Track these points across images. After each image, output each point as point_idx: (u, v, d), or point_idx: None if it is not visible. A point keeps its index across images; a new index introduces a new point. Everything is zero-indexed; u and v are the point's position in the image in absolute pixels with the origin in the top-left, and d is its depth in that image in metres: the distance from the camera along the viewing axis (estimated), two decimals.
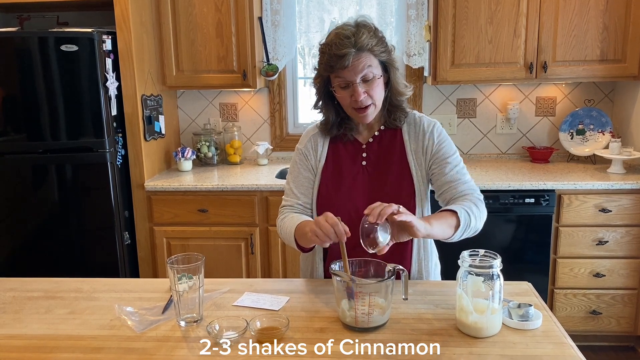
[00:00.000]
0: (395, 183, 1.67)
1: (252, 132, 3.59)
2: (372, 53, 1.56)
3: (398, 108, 1.68)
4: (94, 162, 2.87)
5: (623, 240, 2.86)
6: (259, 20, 3.19)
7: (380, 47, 1.57)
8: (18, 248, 2.99)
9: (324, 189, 1.70)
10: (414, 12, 3.20)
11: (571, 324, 2.94)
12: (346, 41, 1.52)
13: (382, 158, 1.70)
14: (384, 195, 1.64)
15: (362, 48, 1.53)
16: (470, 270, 1.32)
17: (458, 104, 3.46)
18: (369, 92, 1.57)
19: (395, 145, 1.70)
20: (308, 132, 1.78)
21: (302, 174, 1.74)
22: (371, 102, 1.59)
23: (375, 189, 1.67)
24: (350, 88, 1.57)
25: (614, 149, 3.01)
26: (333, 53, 1.53)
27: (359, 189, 1.68)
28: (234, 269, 3.03)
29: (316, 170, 1.73)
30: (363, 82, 1.56)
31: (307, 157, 1.74)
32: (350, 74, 1.55)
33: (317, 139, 1.74)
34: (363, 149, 1.71)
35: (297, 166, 1.75)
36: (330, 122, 1.70)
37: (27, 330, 1.41)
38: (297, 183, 1.74)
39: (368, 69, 1.55)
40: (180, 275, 1.38)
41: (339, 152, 1.72)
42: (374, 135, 1.71)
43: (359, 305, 1.33)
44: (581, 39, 2.98)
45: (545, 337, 1.33)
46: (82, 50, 2.74)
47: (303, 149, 1.75)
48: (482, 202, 1.63)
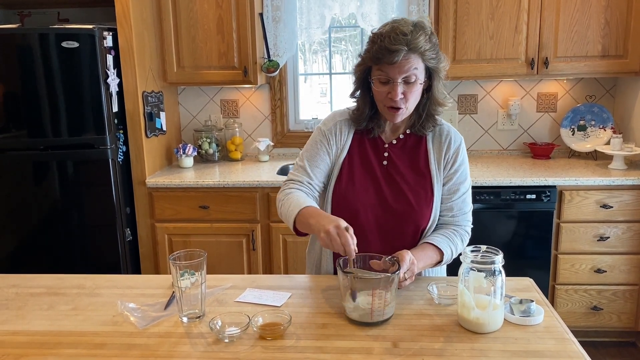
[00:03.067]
0: (414, 188, 1.64)
1: (253, 128, 3.59)
2: (422, 57, 1.51)
3: (432, 117, 1.64)
4: (95, 159, 2.87)
5: (624, 236, 2.86)
6: (259, 16, 3.18)
7: (431, 52, 1.53)
8: (20, 245, 3.00)
9: (343, 181, 1.66)
10: (414, 8, 3.20)
11: (572, 320, 2.94)
12: (402, 38, 1.48)
13: (405, 162, 1.66)
14: (401, 198, 1.63)
15: (414, 49, 1.49)
16: (472, 266, 1.32)
17: (459, 100, 3.45)
18: (406, 94, 1.53)
19: (420, 152, 1.66)
20: (335, 115, 1.72)
21: (319, 155, 1.68)
22: (404, 105, 1.55)
23: (393, 191, 1.64)
24: (389, 84, 1.53)
25: (615, 145, 3.01)
26: (385, 46, 1.49)
27: (377, 188, 1.65)
28: (235, 265, 3.03)
29: (336, 159, 1.69)
30: (404, 83, 1.52)
31: (329, 141, 1.68)
32: (394, 72, 1.51)
33: (343, 126, 1.69)
34: (385, 149, 1.68)
35: (317, 146, 1.69)
36: (364, 114, 1.65)
37: (29, 326, 1.42)
38: (312, 162, 1.68)
39: (413, 71, 1.51)
40: (183, 272, 1.38)
41: (362, 146, 1.68)
42: (398, 138, 1.68)
43: (376, 299, 1.34)
44: (582, 35, 2.97)
45: (547, 332, 1.33)
46: (83, 46, 2.74)
47: (327, 131, 1.69)
48: (468, 237, 1.70)
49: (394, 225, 1.63)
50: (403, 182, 1.64)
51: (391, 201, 1.63)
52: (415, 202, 1.62)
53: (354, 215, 1.61)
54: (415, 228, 1.64)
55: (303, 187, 1.66)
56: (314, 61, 3.78)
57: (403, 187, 1.64)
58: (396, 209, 1.62)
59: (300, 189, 1.65)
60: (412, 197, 1.63)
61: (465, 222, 1.70)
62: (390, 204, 1.63)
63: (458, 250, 1.63)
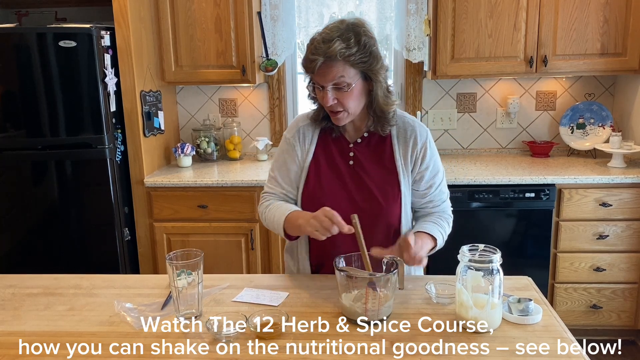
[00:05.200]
0: (382, 187, 1.64)
1: (252, 127, 3.58)
2: (347, 62, 1.49)
3: (382, 119, 1.62)
4: (94, 158, 2.86)
5: (623, 234, 2.85)
6: (257, 15, 3.18)
7: (359, 55, 1.49)
8: (18, 244, 2.99)
9: (311, 185, 1.68)
10: (413, 6, 3.19)
11: (572, 318, 2.94)
12: (319, 47, 1.48)
13: (371, 160, 1.67)
14: (369, 197, 1.63)
15: (332, 57, 1.47)
16: (469, 265, 1.31)
17: (458, 99, 3.45)
18: (340, 99, 1.53)
19: (385, 149, 1.66)
20: (297, 121, 1.74)
21: (287, 164, 1.71)
22: (342, 109, 1.55)
23: (362, 190, 1.65)
24: (323, 91, 1.54)
25: (615, 143, 3.01)
26: (307, 55, 1.51)
27: (345, 188, 1.66)
28: (234, 264, 3.02)
29: (303, 164, 1.70)
30: (335, 89, 1.52)
31: (294, 148, 1.70)
32: (321, 80, 1.52)
33: (306, 131, 1.71)
34: (350, 148, 1.68)
35: (283, 155, 1.72)
36: (320, 113, 1.66)
37: (26, 327, 1.41)
38: (281, 172, 1.72)
39: (339, 79, 1.50)
40: (180, 272, 1.38)
41: (328, 148, 1.69)
42: (362, 136, 1.68)
43: (370, 298, 1.34)
44: (581, 33, 2.96)
45: (545, 331, 1.32)
46: (81, 46, 2.73)
47: (291, 138, 1.71)
48: (451, 220, 1.74)
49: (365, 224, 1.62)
50: (370, 181, 1.65)
51: (359, 200, 1.64)
52: (383, 200, 1.63)
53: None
54: (386, 225, 1.65)
55: (279, 198, 1.72)
56: None
57: (370, 185, 1.64)
58: (364, 208, 1.62)
59: (276, 200, 1.72)
60: (380, 195, 1.63)
61: (446, 207, 1.75)
62: (359, 203, 1.63)
63: (447, 234, 1.69)
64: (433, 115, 3.46)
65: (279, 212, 1.62)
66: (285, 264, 1.87)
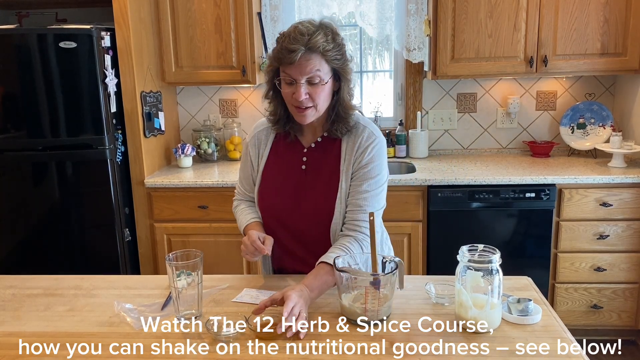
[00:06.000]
0: (326, 192, 1.63)
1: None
2: (324, 57, 1.51)
3: (342, 120, 1.62)
4: (94, 159, 2.86)
5: (624, 234, 2.85)
6: (258, 16, 3.18)
7: (335, 52, 1.52)
8: (19, 245, 3.00)
9: (263, 188, 1.71)
10: (413, 7, 3.19)
11: (572, 318, 2.94)
12: (300, 37, 1.48)
13: (320, 165, 1.66)
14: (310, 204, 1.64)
15: (313, 49, 1.49)
16: (469, 265, 1.31)
17: (458, 99, 3.45)
18: (312, 94, 1.53)
19: (333, 155, 1.65)
20: (256, 127, 1.78)
21: (247, 167, 1.77)
22: (312, 104, 1.55)
23: (307, 195, 1.65)
24: (294, 85, 1.53)
25: (615, 143, 3.00)
26: (284, 46, 1.50)
27: (294, 193, 1.66)
28: (234, 265, 3.02)
29: (258, 167, 1.73)
30: (308, 84, 1.52)
31: (251, 153, 1.75)
32: (296, 72, 1.51)
33: (262, 136, 1.74)
34: (304, 153, 1.68)
35: (244, 159, 1.79)
36: (277, 116, 1.66)
37: (26, 327, 1.41)
38: (244, 175, 1.79)
39: (315, 72, 1.51)
40: (179, 272, 1.38)
41: (281, 152, 1.71)
42: (316, 141, 1.68)
43: (369, 299, 1.34)
44: (582, 33, 2.96)
45: (544, 331, 1.32)
46: (81, 47, 2.74)
47: (249, 143, 1.77)
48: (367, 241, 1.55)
49: (308, 228, 1.64)
50: (318, 186, 1.64)
51: (305, 205, 1.65)
52: (324, 204, 1.62)
53: (275, 222, 1.68)
54: (325, 227, 1.63)
55: (244, 199, 1.81)
56: None
57: (317, 190, 1.64)
58: (308, 213, 1.64)
59: (243, 200, 1.81)
60: (323, 200, 1.63)
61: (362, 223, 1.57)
62: (304, 207, 1.64)
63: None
64: (433, 116, 3.46)
65: (240, 220, 1.76)
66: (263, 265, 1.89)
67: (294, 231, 1.67)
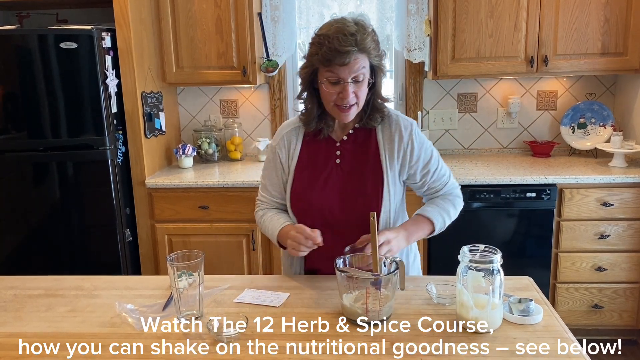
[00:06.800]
0: (368, 183, 1.65)
1: (253, 128, 3.59)
2: (368, 55, 1.55)
3: (378, 110, 1.66)
4: (95, 160, 2.87)
5: (625, 234, 2.85)
6: (258, 16, 3.18)
7: (376, 50, 1.57)
8: (20, 246, 3.00)
9: (299, 187, 1.70)
10: (414, 7, 3.19)
11: (573, 318, 2.94)
12: (350, 38, 1.50)
13: (357, 157, 1.68)
14: (357, 195, 1.65)
15: (363, 49, 1.52)
16: (470, 265, 1.31)
17: (459, 99, 3.45)
18: (356, 92, 1.56)
19: (370, 145, 1.68)
20: (282, 128, 1.76)
21: (274, 173, 1.74)
22: (355, 102, 1.57)
23: (349, 188, 1.66)
24: (339, 85, 1.54)
25: (616, 143, 3.00)
26: (334, 47, 1.49)
27: (334, 187, 1.67)
28: (235, 265, 3.03)
29: (289, 169, 1.72)
30: (353, 82, 1.54)
31: (279, 156, 1.73)
32: (345, 72, 1.52)
33: (290, 137, 1.72)
34: (337, 147, 1.69)
35: (270, 163, 1.76)
36: (312, 115, 1.67)
37: (27, 328, 1.41)
38: (271, 180, 1.76)
39: (362, 70, 1.54)
40: (180, 273, 1.38)
41: (313, 149, 1.71)
42: (348, 134, 1.69)
43: (370, 299, 1.34)
44: (582, 32, 2.96)
45: (546, 331, 1.32)
46: (82, 47, 2.74)
47: (276, 146, 1.74)
48: (460, 199, 1.76)
49: (354, 221, 1.63)
50: (356, 178, 1.66)
51: (347, 198, 1.65)
52: (370, 195, 1.65)
53: (315, 219, 1.65)
54: None
55: (271, 206, 1.77)
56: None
57: (357, 182, 1.66)
58: (352, 205, 1.64)
59: (268, 208, 1.78)
60: (366, 191, 1.65)
61: (452, 188, 1.75)
62: (346, 201, 1.65)
63: (452, 216, 1.72)
64: (434, 116, 3.46)
65: (272, 226, 1.70)
66: (282, 265, 1.88)
67: (337, 228, 1.63)
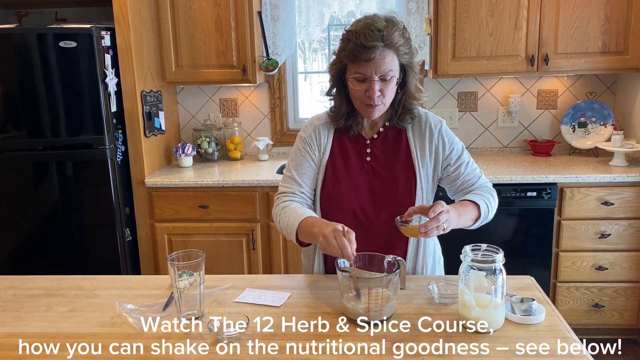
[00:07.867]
0: (399, 181, 1.65)
1: (253, 127, 3.58)
2: (397, 53, 1.52)
3: (409, 111, 1.65)
4: (94, 159, 2.86)
5: (625, 233, 2.85)
6: (258, 15, 3.17)
7: (405, 48, 1.54)
8: (19, 245, 2.99)
9: (329, 184, 1.67)
10: (414, 5, 3.18)
11: (574, 318, 2.93)
12: (377, 34, 1.48)
13: (387, 155, 1.67)
14: (388, 193, 1.64)
15: (390, 45, 1.50)
16: (472, 265, 1.31)
17: (459, 98, 3.44)
18: (383, 91, 1.54)
19: (401, 144, 1.67)
20: (312, 121, 1.73)
21: (305, 162, 1.69)
22: (382, 101, 1.56)
23: (380, 186, 1.65)
24: (366, 82, 1.53)
25: (616, 142, 3.00)
26: (360, 43, 1.48)
27: (364, 185, 1.66)
28: (235, 265, 3.02)
29: (320, 162, 1.69)
30: (380, 80, 1.52)
31: (311, 147, 1.69)
32: (371, 70, 1.50)
33: (321, 130, 1.70)
34: (367, 145, 1.69)
35: (300, 154, 1.70)
36: (341, 112, 1.65)
37: (27, 328, 1.41)
38: (299, 171, 1.69)
39: (389, 68, 1.52)
40: (181, 272, 1.38)
41: (344, 146, 1.69)
42: (378, 132, 1.69)
43: (372, 299, 1.34)
44: (583, 31, 2.96)
45: (548, 331, 1.32)
46: (81, 46, 2.73)
47: (307, 137, 1.70)
48: (495, 193, 1.70)
49: (386, 218, 1.62)
50: (387, 176, 1.65)
51: (378, 196, 1.65)
52: (401, 193, 1.63)
53: (344, 216, 1.62)
54: None
55: (296, 198, 1.68)
56: (314, 59, 3.77)
57: (388, 180, 1.65)
58: (383, 203, 1.63)
59: (294, 199, 1.67)
60: (398, 189, 1.64)
61: (485, 182, 1.73)
62: (377, 198, 1.64)
63: (492, 206, 1.65)
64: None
65: (295, 215, 1.58)
66: (302, 264, 1.85)
67: (366, 227, 1.62)
